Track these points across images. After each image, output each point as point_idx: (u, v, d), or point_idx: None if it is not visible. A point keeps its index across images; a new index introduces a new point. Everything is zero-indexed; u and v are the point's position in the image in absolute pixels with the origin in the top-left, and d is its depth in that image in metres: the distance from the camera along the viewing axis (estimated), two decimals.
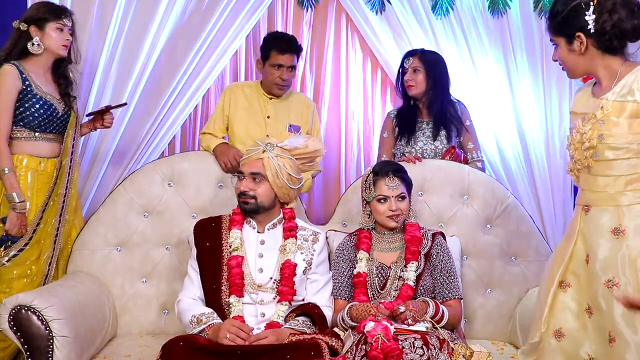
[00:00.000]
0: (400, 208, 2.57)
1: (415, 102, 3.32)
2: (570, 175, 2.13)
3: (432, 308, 2.41)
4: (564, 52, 2.04)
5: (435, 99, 3.24)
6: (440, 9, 3.68)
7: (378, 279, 2.58)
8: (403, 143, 3.27)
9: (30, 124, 2.85)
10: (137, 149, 3.58)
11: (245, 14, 3.61)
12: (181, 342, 2.24)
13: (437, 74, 3.25)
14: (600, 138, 1.95)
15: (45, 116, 2.87)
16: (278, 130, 3.23)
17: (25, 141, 2.86)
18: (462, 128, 3.27)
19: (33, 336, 2.34)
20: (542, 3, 3.66)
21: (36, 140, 2.88)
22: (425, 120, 3.30)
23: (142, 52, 3.55)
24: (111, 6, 3.51)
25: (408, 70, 3.26)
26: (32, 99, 2.84)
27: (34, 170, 2.86)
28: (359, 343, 2.23)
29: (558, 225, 3.71)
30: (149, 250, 2.93)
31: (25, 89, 2.84)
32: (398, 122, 3.32)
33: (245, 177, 2.55)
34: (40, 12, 2.92)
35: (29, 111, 2.84)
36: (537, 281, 2.92)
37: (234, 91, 3.31)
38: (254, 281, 2.52)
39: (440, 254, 2.62)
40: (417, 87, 3.24)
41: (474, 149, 3.27)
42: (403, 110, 3.35)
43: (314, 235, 2.65)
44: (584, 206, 2.03)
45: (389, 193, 2.56)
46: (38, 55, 2.89)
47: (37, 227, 2.82)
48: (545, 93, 3.72)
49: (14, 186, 2.76)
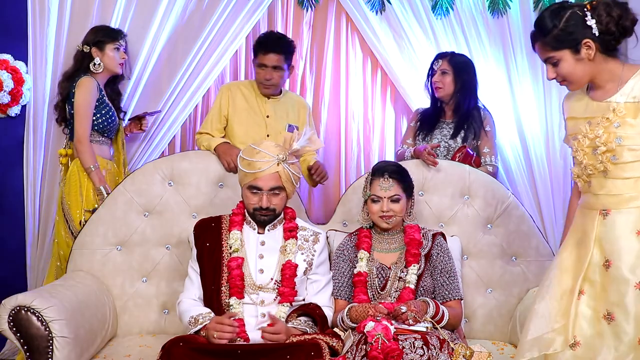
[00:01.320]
0: (392, 209, 2.56)
1: (441, 105, 3.38)
2: (569, 175, 2.12)
3: (433, 308, 2.41)
4: (570, 65, 2.02)
5: (462, 102, 3.30)
6: (440, 9, 3.67)
7: (378, 280, 2.58)
8: (420, 139, 3.34)
9: (103, 129, 3.24)
10: (138, 148, 3.59)
11: (245, 14, 3.61)
12: (181, 342, 2.24)
13: (465, 77, 3.30)
14: (618, 140, 1.94)
15: (114, 124, 3.29)
16: (277, 130, 3.23)
17: (97, 145, 3.25)
18: (481, 132, 3.30)
19: (33, 337, 2.34)
20: (542, 3, 3.66)
21: (101, 144, 3.29)
22: (447, 121, 3.36)
23: (142, 52, 3.55)
24: (111, 6, 3.51)
25: (437, 72, 3.31)
26: (106, 107, 3.25)
27: (106, 170, 3.24)
28: (359, 343, 2.23)
29: (558, 225, 3.70)
30: (149, 250, 2.93)
31: (101, 98, 3.24)
32: (420, 119, 3.40)
33: (264, 193, 2.50)
34: (99, 35, 3.30)
35: (103, 117, 3.23)
36: (538, 281, 2.91)
37: (231, 90, 3.30)
38: (254, 282, 2.51)
39: (441, 255, 2.61)
40: (445, 89, 3.30)
41: (489, 153, 3.28)
42: (428, 111, 3.42)
43: (315, 235, 2.65)
44: (601, 210, 2.01)
45: (381, 194, 2.56)
46: (98, 73, 3.27)
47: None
48: (546, 93, 3.71)
49: (101, 180, 3.13)
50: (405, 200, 2.60)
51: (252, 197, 2.51)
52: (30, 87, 3.50)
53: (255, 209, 2.52)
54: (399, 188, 2.58)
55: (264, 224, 2.57)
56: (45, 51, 3.50)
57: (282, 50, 3.17)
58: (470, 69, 3.36)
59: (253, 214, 2.54)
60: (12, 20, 3.51)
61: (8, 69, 3.41)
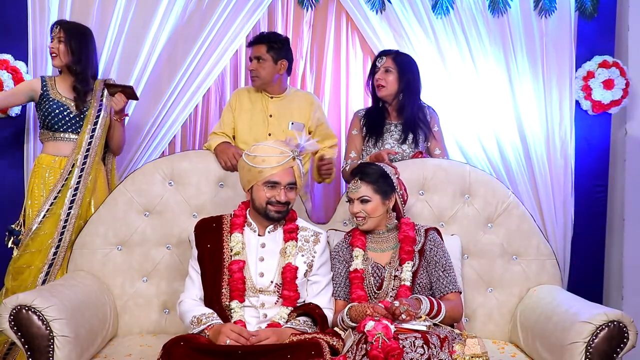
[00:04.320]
0: (363, 210, 2.57)
1: (383, 105, 3.26)
2: (570, 174, 2.09)
3: (426, 304, 2.40)
4: None
5: (406, 103, 3.18)
6: (441, 8, 3.67)
7: (374, 279, 2.58)
8: (370, 145, 3.21)
9: (47, 124, 3.16)
10: (138, 148, 3.59)
11: (245, 14, 3.62)
12: (182, 341, 2.23)
13: (410, 77, 3.18)
14: None
15: (58, 118, 3.16)
16: (280, 129, 3.25)
17: (51, 142, 3.19)
18: (430, 134, 3.22)
19: (34, 336, 2.34)
20: (542, 2, 3.67)
21: (55, 140, 3.18)
22: (393, 123, 3.24)
23: (142, 52, 3.55)
24: (111, 6, 3.52)
25: (380, 69, 3.19)
26: (47, 102, 3.15)
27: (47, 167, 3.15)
28: (360, 342, 2.23)
29: (559, 224, 3.71)
30: (150, 250, 2.93)
31: (44, 93, 3.17)
32: (366, 122, 3.26)
33: (282, 187, 2.49)
34: None
35: (45, 113, 3.15)
36: (538, 280, 2.93)
37: (240, 93, 3.39)
38: (254, 285, 2.51)
39: (434, 249, 2.61)
40: (388, 89, 3.17)
41: (440, 155, 3.21)
42: (371, 111, 3.29)
43: (315, 235, 2.63)
44: None
45: (351, 195, 2.59)
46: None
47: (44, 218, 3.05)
48: (546, 92, 3.72)
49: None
50: (378, 202, 2.57)
51: (268, 191, 2.49)
52: None
53: (269, 203, 2.50)
54: (369, 189, 2.56)
55: (274, 220, 2.56)
56: (45, 51, 3.50)
57: (265, 41, 3.25)
58: (415, 68, 3.22)
59: (265, 209, 2.51)
60: (12, 20, 3.51)
61: (8, 69, 3.42)
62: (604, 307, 2.54)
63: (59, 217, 3.05)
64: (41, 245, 3.04)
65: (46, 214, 3.05)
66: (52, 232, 3.05)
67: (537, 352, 2.61)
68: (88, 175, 3.12)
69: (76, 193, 3.08)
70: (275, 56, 3.24)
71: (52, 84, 3.20)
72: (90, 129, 3.15)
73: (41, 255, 3.03)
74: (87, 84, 3.20)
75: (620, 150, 3.86)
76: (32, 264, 3.03)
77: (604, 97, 3.69)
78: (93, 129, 3.16)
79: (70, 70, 3.19)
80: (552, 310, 2.62)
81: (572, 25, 3.72)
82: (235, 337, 2.28)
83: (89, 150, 3.13)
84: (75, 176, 3.09)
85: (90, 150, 3.13)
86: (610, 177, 3.82)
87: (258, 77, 3.26)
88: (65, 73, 3.22)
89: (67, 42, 3.15)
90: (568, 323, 2.44)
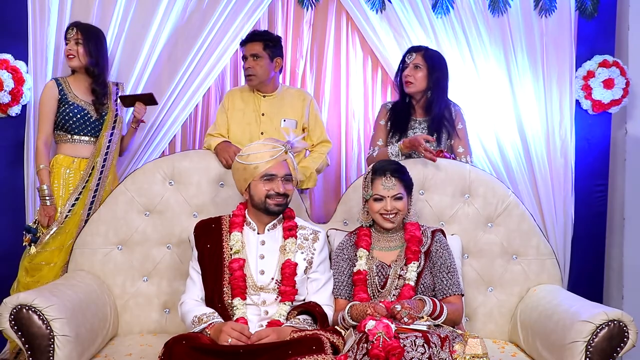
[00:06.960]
0: (396, 207, 2.57)
1: (410, 100, 3.26)
2: (570, 173, 2.09)
3: (430, 305, 2.41)
4: None
5: (434, 101, 3.19)
6: (441, 8, 3.67)
7: (378, 278, 2.58)
8: (394, 141, 3.21)
9: (64, 127, 3.19)
10: (138, 148, 3.59)
11: (245, 13, 3.62)
12: (183, 340, 2.24)
13: (439, 75, 3.19)
14: None
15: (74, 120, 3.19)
16: (273, 127, 3.26)
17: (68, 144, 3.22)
18: (453, 132, 3.21)
19: (34, 335, 2.34)
20: (542, 2, 3.67)
21: (73, 143, 3.22)
22: (418, 120, 3.25)
23: (142, 51, 3.55)
24: (111, 6, 3.52)
25: (409, 65, 3.20)
26: (64, 105, 3.18)
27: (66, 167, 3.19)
28: (361, 342, 2.23)
29: (559, 224, 3.71)
30: (150, 249, 2.93)
31: (62, 97, 3.18)
32: (391, 116, 3.27)
33: (279, 179, 2.54)
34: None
35: (61, 115, 3.18)
36: (538, 280, 2.93)
37: (232, 93, 3.40)
38: (255, 283, 2.52)
39: (440, 251, 2.61)
40: (416, 85, 3.18)
41: (463, 153, 3.20)
42: (397, 106, 3.29)
43: (314, 234, 2.65)
44: None
45: (384, 193, 2.57)
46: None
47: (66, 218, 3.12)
48: (546, 91, 3.72)
49: (42, 181, 3.13)
50: (406, 198, 2.61)
51: (266, 184, 2.53)
52: (31, 86, 3.50)
53: (268, 197, 2.53)
54: (401, 187, 2.58)
55: (274, 215, 2.58)
56: (45, 51, 3.51)
57: (260, 39, 3.26)
58: (444, 65, 3.23)
59: (265, 203, 2.54)
60: (12, 20, 3.51)
61: (8, 69, 3.41)
62: (604, 306, 2.55)
63: (80, 217, 3.12)
64: (62, 244, 3.09)
65: (68, 214, 3.11)
66: (73, 231, 3.09)
67: (537, 351, 2.61)
68: (106, 177, 3.21)
69: (95, 194, 3.16)
70: (271, 54, 3.26)
71: (68, 87, 3.22)
72: (108, 133, 3.24)
73: (62, 254, 3.07)
74: (104, 86, 3.26)
75: (621, 149, 3.86)
76: (51, 262, 3.08)
77: (604, 96, 3.69)
78: (111, 133, 3.25)
79: (88, 72, 3.23)
80: (552, 309, 2.62)
81: (572, 25, 3.72)
82: (237, 335, 2.29)
83: (107, 154, 3.22)
84: (95, 178, 3.17)
85: (108, 154, 3.23)
86: (610, 177, 3.82)
87: (255, 76, 3.26)
88: (81, 74, 3.25)
89: (85, 44, 3.18)
90: (568, 322, 2.45)
